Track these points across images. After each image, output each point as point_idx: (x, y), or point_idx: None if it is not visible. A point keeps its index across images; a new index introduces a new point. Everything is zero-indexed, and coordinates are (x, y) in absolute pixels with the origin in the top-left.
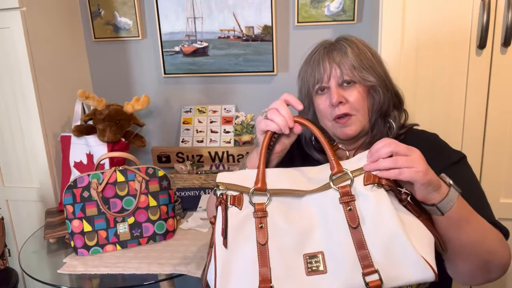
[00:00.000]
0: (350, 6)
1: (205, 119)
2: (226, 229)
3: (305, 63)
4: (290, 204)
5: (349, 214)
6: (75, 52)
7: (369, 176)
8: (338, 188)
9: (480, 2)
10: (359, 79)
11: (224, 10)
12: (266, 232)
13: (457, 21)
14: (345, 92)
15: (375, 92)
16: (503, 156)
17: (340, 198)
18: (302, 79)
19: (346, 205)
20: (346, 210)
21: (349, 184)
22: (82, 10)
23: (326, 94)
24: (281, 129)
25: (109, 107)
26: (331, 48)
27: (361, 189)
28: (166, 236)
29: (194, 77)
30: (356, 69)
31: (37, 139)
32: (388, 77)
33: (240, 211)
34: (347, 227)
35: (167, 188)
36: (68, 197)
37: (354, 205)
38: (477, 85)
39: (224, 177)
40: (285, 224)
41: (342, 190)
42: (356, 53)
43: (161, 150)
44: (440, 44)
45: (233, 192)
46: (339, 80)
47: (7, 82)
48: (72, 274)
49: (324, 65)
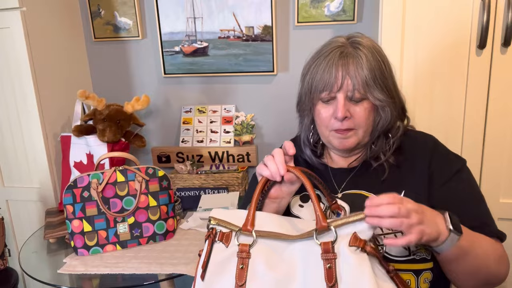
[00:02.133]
0: (350, 6)
1: (205, 119)
2: (207, 262)
3: (314, 61)
4: (275, 248)
5: (327, 271)
6: (75, 52)
7: (356, 238)
8: (320, 244)
9: (480, 2)
10: (369, 96)
11: (224, 10)
12: (246, 274)
13: (457, 21)
14: (351, 107)
15: (383, 111)
16: (503, 156)
17: (322, 254)
18: (309, 81)
19: (326, 262)
20: (326, 267)
21: (332, 241)
22: (82, 10)
23: (331, 106)
24: (272, 176)
25: (109, 107)
26: (346, 54)
27: (345, 248)
28: (166, 236)
29: (194, 77)
30: (368, 86)
31: (37, 139)
32: (397, 91)
33: (226, 248)
34: (324, 284)
35: (167, 188)
36: (68, 197)
37: (333, 264)
38: (477, 85)
39: (218, 213)
40: (265, 269)
41: (324, 247)
42: (372, 67)
43: (161, 150)
44: (440, 44)
45: (223, 228)
46: (349, 93)
47: (7, 82)
48: (72, 274)
49: (336, 73)
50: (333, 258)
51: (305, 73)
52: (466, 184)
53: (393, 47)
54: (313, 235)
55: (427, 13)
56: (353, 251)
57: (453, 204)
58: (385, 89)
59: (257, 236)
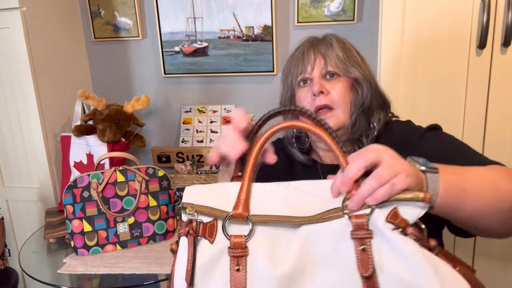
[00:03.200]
0: (350, 6)
1: (205, 119)
2: (193, 272)
3: (289, 58)
4: (279, 236)
5: (360, 256)
6: (75, 52)
7: (396, 216)
8: (350, 217)
9: (480, 2)
10: (343, 71)
11: (224, 10)
12: (245, 277)
13: (457, 21)
14: (327, 84)
15: (359, 86)
16: (503, 156)
17: (352, 231)
18: (285, 71)
19: (358, 243)
20: (358, 249)
21: (367, 213)
22: (82, 10)
23: (308, 86)
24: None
25: (109, 107)
26: (317, 41)
27: (382, 225)
28: (166, 236)
29: (194, 77)
30: (340, 61)
31: (37, 139)
32: (372, 76)
33: (212, 245)
34: (356, 274)
35: (167, 188)
36: (68, 197)
37: (369, 244)
38: (477, 85)
39: (194, 194)
40: (268, 266)
41: (356, 221)
42: (342, 47)
43: (161, 150)
44: (440, 44)
45: (204, 217)
46: (322, 70)
47: (7, 82)
48: (72, 274)
49: (308, 56)
50: (368, 237)
51: (284, 69)
52: (436, 141)
53: (393, 47)
54: (341, 207)
55: (427, 13)
56: (392, 230)
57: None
58: (359, 67)
59: (254, 223)
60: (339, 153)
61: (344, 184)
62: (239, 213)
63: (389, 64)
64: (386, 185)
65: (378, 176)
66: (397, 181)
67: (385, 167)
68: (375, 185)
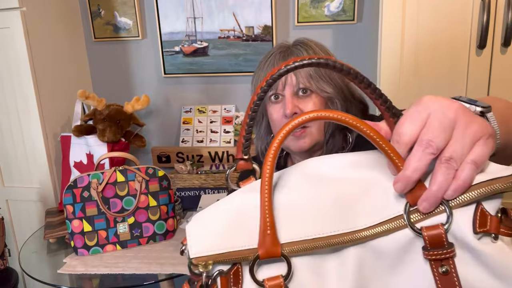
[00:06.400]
0: (350, 6)
1: (205, 119)
2: None
3: (258, 68)
4: (324, 264)
5: (441, 280)
6: (75, 52)
7: (484, 216)
8: (420, 230)
9: (480, 2)
10: (315, 88)
11: (224, 10)
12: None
13: (457, 21)
14: (300, 103)
15: (332, 104)
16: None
17: (426, 251)
18: (255, 86)
19: (437, 264)
20: (437, 273)
21: (443, 223)
22: (82, 10)
23: (281, 103)
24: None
25: (109, 107)
26: (287, 53)
27: (467, 236)
28: (166, 236)
29: (194, 77)
30: (312, 78)
31: (37, 139)
32: (345, 83)
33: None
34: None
35: (167, 188)
36: (68, 197)
37: (453, 265)
38: (477, 85)
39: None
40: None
41: (429, 233)
42: None
43: (161, 150)
44: (440, 44)
45: (223, 266)
46: (294, 88)
47: (7, 82)
48: (72, 274)
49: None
50: (451, 255)
51: (252, 80)
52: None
53: (393, 47)
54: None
55: (427, 13)
56: (479, 239)
57: None
58: (331, 82)
59: (291, 255)
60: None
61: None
62: (268, 252)
63: (389, 64)
64: (467, 165)
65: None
66: (478, 153)
67: (456, 141)
68: (451, 172)
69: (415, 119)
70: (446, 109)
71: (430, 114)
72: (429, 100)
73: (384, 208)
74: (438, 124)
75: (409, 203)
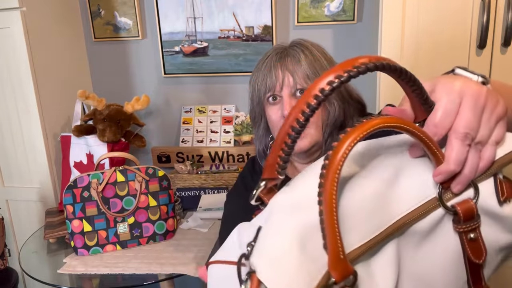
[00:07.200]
0: (350, 6)
1: (205, 119)
2: None
3: (256, 70)
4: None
5: (470, 245)
6: (75, 52)
7: (501, 184)
8: (453, 207)
9: (480, 2)
10: None
11: (224, 10)
12: None
13: (457, 21)
14: None
15: (330, 105)
16: None
17: (459, 225)
18: (253, 87)
19: (466, 234)
20: (466, 239)
21: (471, 197)
22: (82, 10)
23: (279, 105)
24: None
25: (109, 107)
26: (284, 54)
27: (492, 204)
28: (166, 236)
29: (194, 77)
30: (310, 79)
31: (37, 139)
32: (344, 86)
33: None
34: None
35: (167, 188)
36: (68, 197)
37: (479, 231)
38: None
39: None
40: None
41: (463, 208)
42: (310, 60)
43: (161, 150)
44: (440, 44)
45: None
46: (292, 89)
47: (7, 82)
48: (72, 274)
49: (276, 72)
50: (479, 224)
51: (250, 82)
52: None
53: (393, 47)
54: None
55: (427, 13)
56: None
57: None
58: None
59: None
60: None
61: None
62: (343, 276)
63: None
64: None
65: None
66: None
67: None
68: (478, 154)
69: (450, 111)
70: (477, 96)
71: (462, 101)
72: (460, 87)
73: (415, 194)
74: (472, 113)
75: (441, 186)
